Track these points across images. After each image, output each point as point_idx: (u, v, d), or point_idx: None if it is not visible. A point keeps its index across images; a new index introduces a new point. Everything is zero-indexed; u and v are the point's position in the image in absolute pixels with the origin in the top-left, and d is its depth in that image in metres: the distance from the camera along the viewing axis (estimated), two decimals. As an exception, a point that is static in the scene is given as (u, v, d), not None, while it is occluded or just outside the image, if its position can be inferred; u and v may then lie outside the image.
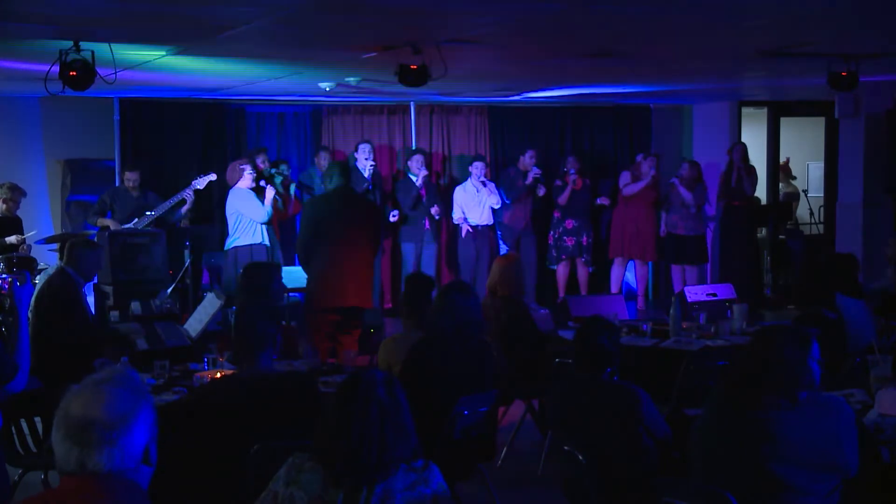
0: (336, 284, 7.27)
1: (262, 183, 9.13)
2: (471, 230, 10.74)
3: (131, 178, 9.32)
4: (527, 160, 10.93)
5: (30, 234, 9.09)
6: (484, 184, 10.74)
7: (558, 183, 10.97)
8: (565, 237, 11.02)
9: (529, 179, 10.75)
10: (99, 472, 2.23)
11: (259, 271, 6.05)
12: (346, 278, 7.31)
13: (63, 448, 2.24)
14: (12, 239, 8.86)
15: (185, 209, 9.30)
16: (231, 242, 9.16)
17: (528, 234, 11.05)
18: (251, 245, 9.02)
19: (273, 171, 9.79)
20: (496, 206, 10.85)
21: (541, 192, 10.89)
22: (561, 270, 11.08)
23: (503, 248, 10.90)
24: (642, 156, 11.15)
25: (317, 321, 7.16)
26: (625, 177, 11.02)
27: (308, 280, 7.55)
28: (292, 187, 10.00)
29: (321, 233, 7.38)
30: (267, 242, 9.09)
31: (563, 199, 10.90)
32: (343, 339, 6.91)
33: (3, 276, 7.90)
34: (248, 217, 9.03)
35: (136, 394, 2.31)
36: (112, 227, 8.98)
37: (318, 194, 9.49)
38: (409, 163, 10.77)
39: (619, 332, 5.04)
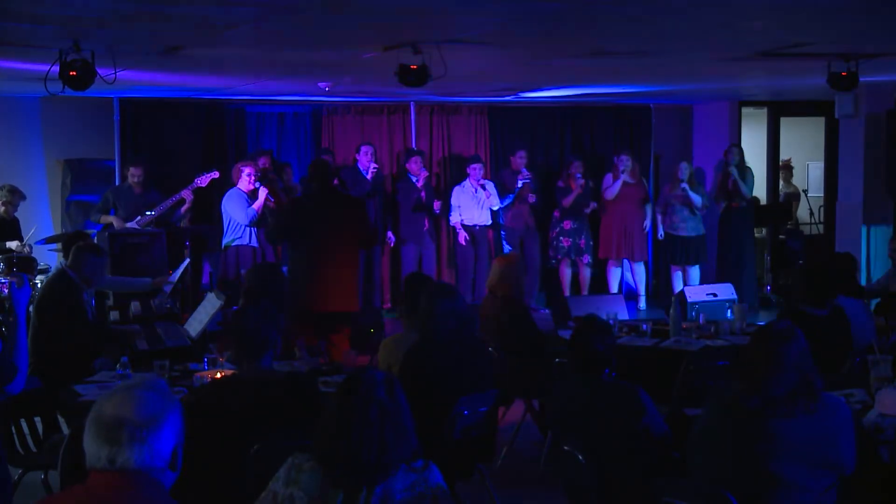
0: (318, 291, 7.01)
1: (258, 184, 9.15)
2: (468, 237, 10.74)
3: (136, 173, 9.26)
4: (517, 160, 10.92)
5: (29, 234, 9.09)
6: (483, 186, 10.73)
7: (560, 185, 10.96)
8: (562, 237, 11.01)
9: (519, 184, 10.72)
10: (128, 469, 2.32)
11: (263, 273, 6.03)
12: (329, 285, 7.04)
13: (94, 446, 2.34)
14: (13, 245, 8.86)
15: (184, 209, 9.30)
16: (224, 241, 9.24)
17: (532, 235, 11.03)
18: (238, 245, 9.09)
19: (282, 185, 9.82)
20: (495, 208, 10.85)
21: (531, 199, 10.81)
22: (564, 271, 11.07)
23: (506, 249, 10.88)
24: (616, 156, 11.12)
25: (300, 325, 6.82)
26: (607, 179, 11.00)
27: (288, 283, 7.17)
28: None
29: (300, 236, 7.14)
30: (255, 244, 9.13)
31: (567, 202, 10.87)
32: (333, 339, 6.86)
33: (2, 279, 7.91)
34: (233, 218, 9.12)
35: (166, 398, 2.42)
36: (116, 225, 8.99)
37: (300, 196, 9.49)
38: (407, 164, 10.77)
39: (613, 332, 5.03)
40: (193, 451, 2.61)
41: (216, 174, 9.41)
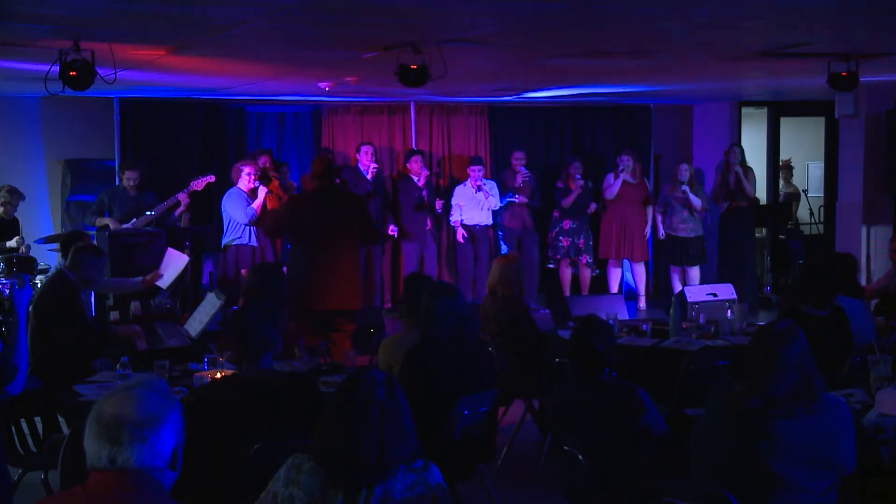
0: (318, 289, 7.05)
1: (257, 183, 9.17)
2: (466, 235, 10.75)
3: (131, 177, 9.28)
4: (515, 162, 10.92)
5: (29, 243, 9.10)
6: (479, 188, 10.71)
7: (560, 185, 10.96)
8: (561, 237, 11.01)
9: (518, 182, 10.72)
10: (129, 468, 2.33)
11: (263, 273, 6.02)
12: (329, 282, 7.07)
13: (95, 446, 2.35)
14: (12, 242, 8.86)
15: (178, 212, 9.30)
16: (224, 241, 9.26)
17: (530, 235, 11.03)
18: (238, 245, 9.12)
19: (282, 182, 9.83)
20: (495, 209, 10.85)
21: (517, 199, 10.80)
22: (564, 271, 11.06)
23: (504, 250, 10.88)
24: (618, 156, 11.11)
25: (300, 324, 6.87)
26: (608, 179, 11.01)
27: (289, 282, 7.16)
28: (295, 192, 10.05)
29: (300, 234, 7.19)
30: (255, 243, 9.15)
31: (566, 202, 10.87)
32: (335, 337, 6.86)
33: (3, 280, 7.91)
34: (233, 217, 9.14)
35: (166, 397, 2.43)
36: (112, 227, 8.99)
37: (301, 193, 9.57)
38: (408, 164, 10.78)
39: (613, 332, 5.04)
40: (193, 451, 2.61)
41: (212, 178, 9.42)
